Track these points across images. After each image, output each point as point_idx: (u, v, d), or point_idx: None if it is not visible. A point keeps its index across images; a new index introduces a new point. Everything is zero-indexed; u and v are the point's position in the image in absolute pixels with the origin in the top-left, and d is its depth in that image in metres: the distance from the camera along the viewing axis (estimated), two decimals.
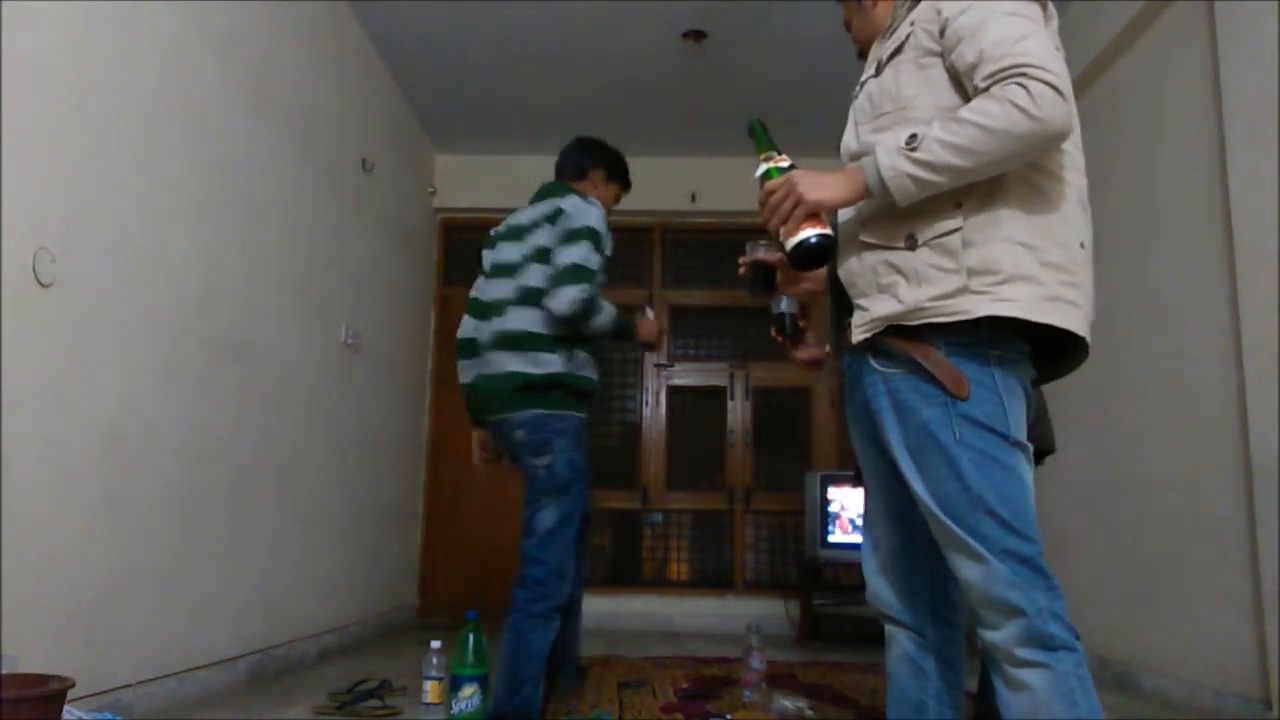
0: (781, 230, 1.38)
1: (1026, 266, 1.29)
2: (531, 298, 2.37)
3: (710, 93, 5.04)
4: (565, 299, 2.28)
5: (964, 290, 1.29)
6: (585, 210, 2.39)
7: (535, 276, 2.38)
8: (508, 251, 2.48)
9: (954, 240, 1.31)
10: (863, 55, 1.61)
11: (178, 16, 2.84)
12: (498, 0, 4.19)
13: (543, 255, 2.39)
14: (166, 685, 2.75)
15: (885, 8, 1.55)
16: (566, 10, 4.26)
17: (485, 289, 2.54)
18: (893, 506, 1.50)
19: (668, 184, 5.74)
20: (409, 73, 4.89)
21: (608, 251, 2.42)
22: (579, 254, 2.31)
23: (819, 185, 1.35)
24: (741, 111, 5.05)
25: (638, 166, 5.76)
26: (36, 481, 2.23)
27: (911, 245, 1.34)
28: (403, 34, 4.50)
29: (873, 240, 1.39)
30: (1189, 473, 3.21)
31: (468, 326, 2.58)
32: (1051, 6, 1.39)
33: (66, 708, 1.96)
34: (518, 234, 2.49)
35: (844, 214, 1.45)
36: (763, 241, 1.67)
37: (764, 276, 1.69)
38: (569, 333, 2.36)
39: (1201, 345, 3.17)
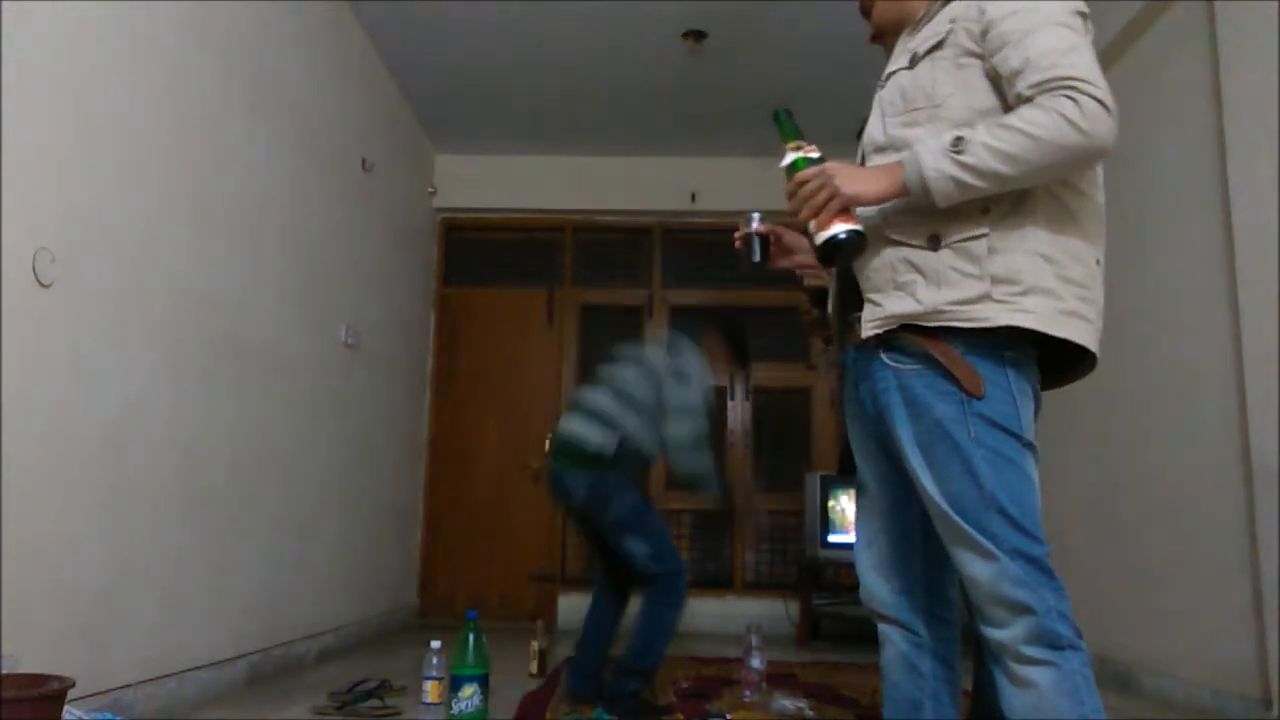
0: (813, 223, 1.36)
1: (1046, 280, 1.29)
2: (616, 404, 2.82)
3: (710, 93, 5.04)
4: (689, 465, 2.76)
5: (986, 297, 1.29)
6: (698, 385, 2.81)
7: (634, 387, 2.84)
8: (623, 372, 2.92)
9: (979, 246, 1.31)
10: (874, 39, 1.58)
11: (178, 17, 2.84)
12: (498, 0, 4.20)
13: (650, 384, 2.82)
14: (166, 685, 2.75)
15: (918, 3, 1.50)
16: (566, 10, 4.26)
17: (591, 383, 2.98)
18: (889, 504, 1.49)
19: (668, 184, 5.75)
20: (409, 73, 4.89)
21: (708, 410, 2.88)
22: (696, 427, 2.76)
23: (855, 179, 1.34)
24: (742, 111, 5.12)
25: (638, 166, 5.88)
26: (37, 481, 2.23)
27: (934, 245, 1.33)
28: (403, 34, 4.50)
29: (895, 236, 1.37)
30: (1189, 473, 3.21)
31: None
32: (1090, 22, 1.37)
33: (66, 708, 1.96)
34: (638, 360, 2.93)
35: (864, 208, 1.43)
36: (755, 213, 1.65)
37: (760, 249, 1.66)
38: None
39: (1201, 345, 3.17)
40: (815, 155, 1.40)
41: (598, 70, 4.85)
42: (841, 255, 1.37)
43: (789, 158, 1.41)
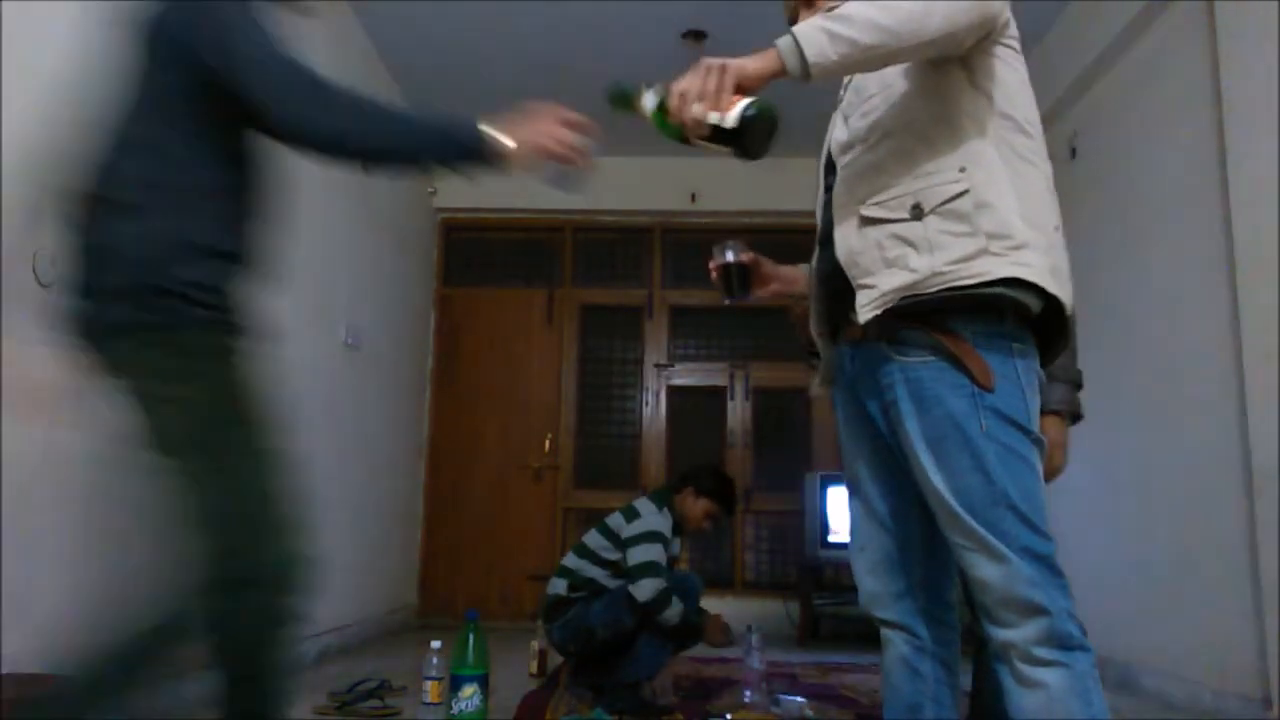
0: (714, 114, 1.30)
1: (1033, 237, 1.28)
2: (577, 559, 3.07)
3: None
4: (647, 589, 2.84)
5: (984, 252, 1.26)
6: (657, 519, 3.01)
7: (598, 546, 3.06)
8: (616, 521, 3.09)
9: (965, 203, 1.28)
10: None
11: None
12: (498, 1, 4.20)
13: (609, 538, 3.05)
14: (166, 685, 2.74)
15: None
16: (566, 10, 4.26)
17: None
18: (889, 509, 1.46)
19: (668, 184, 5.74)
20: (409, 73, 4.89)
21: (674, 551, 3.12)
22: (653, 553, 2.92)
23: (735, 59, 1.29)
24: None
25: (638, 166, 5.88)
26: (36, 481, 2.23)
27: (918, 215, 1.30)
28: (403, 34, 4.50)
29: (875, 215, 1.35)
30: (1189, 473, 3.21)
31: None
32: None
33: None
34: (629, 513, 3.07)
35: (837, 190, 1.42)
36: (730, 243, 1.64)
37: (740, 278, 1.66)
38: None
39: (1201, 345, 3.17)
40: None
41: (598, 71, 4.84)
42: (763, 131, 1.30)
43: (650, 100, 1.37)
